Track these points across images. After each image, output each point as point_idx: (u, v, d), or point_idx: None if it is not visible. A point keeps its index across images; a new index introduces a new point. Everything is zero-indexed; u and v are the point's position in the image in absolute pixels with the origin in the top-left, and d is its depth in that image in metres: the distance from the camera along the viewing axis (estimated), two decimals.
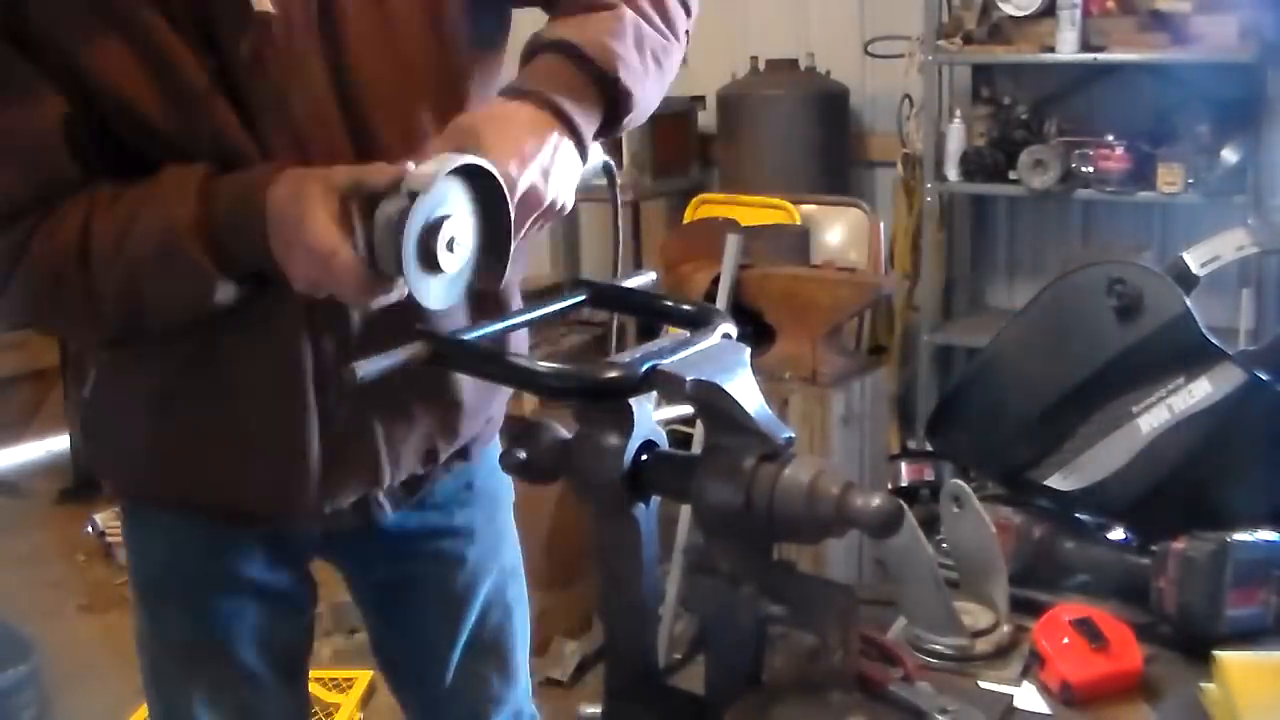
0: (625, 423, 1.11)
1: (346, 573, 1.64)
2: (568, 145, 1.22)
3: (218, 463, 1.36)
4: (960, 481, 1.23)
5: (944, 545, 1.32)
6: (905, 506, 1.06)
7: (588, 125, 1.25)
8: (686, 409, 1.15)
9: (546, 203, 1.20)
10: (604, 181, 1.34)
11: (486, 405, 1.51)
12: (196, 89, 1.21)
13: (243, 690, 1.50)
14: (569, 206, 1.25)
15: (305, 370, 1.31)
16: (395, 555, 1.56)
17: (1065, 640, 1.09)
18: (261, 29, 1.21)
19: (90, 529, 4.04)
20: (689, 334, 1.20)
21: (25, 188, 1.22)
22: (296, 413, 1.33)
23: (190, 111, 1.22)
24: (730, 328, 1.21)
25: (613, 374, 1.11)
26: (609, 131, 1.31)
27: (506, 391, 1.56)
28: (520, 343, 1.54)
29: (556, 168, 1.20)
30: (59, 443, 4.86)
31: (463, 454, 1.54)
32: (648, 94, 1.32)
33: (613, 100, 1.26)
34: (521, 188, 1.15)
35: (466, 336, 1.16)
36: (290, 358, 1.31)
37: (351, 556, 1.59)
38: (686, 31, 1.42)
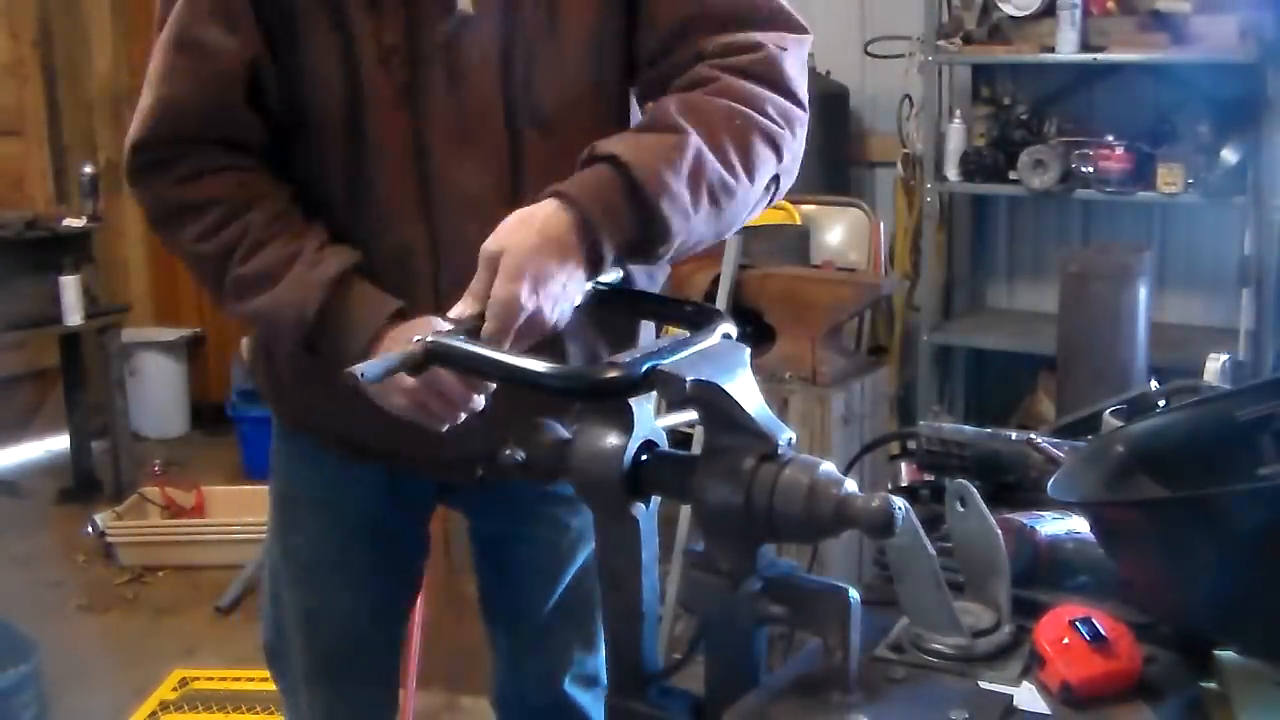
0: (625, 423, 1.11)
1: (465, 520, 1.80)
2: (579, 275, 1.27)
3: (364, 415, 1.41)
4: (964, 481, 1.23)
5: (947, 545, 1.32)
6: (908, 505, 1.06)
7: (611, 249, 1.28)
8: (692, 414, 1.15)
9: (547, 326, 1.27)
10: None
11: None
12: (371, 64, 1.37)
13: (339, 617, 1.65)
14: (560, 325, 1.31)
15: None
16: (509, 513, 1.68)
17: (1065, 640, 1.09)
18: (459, 24, 1.36)
19: (90, 529, 4.04)
20: (689, 334, 1.20)
21: (199, 102, 1.39)
22: None
23: (362, 87, 1.38)
24: (730, 328, 1.21)
25: (613, 374, 1.11)
26: (643, 258, 1.33)
27: None
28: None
29: (564, 296, 1.27)
30: (59, 443, 4.87)
31: None
32: (694, 230, 1.31)
33: (650, 226, 1.27)
34: (527, 312, 1.23)
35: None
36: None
37: (470, 507, 1.75)
38: (776, 177, 1.39)
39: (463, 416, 1.34)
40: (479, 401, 1.33)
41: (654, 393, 1.12)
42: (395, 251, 1.43)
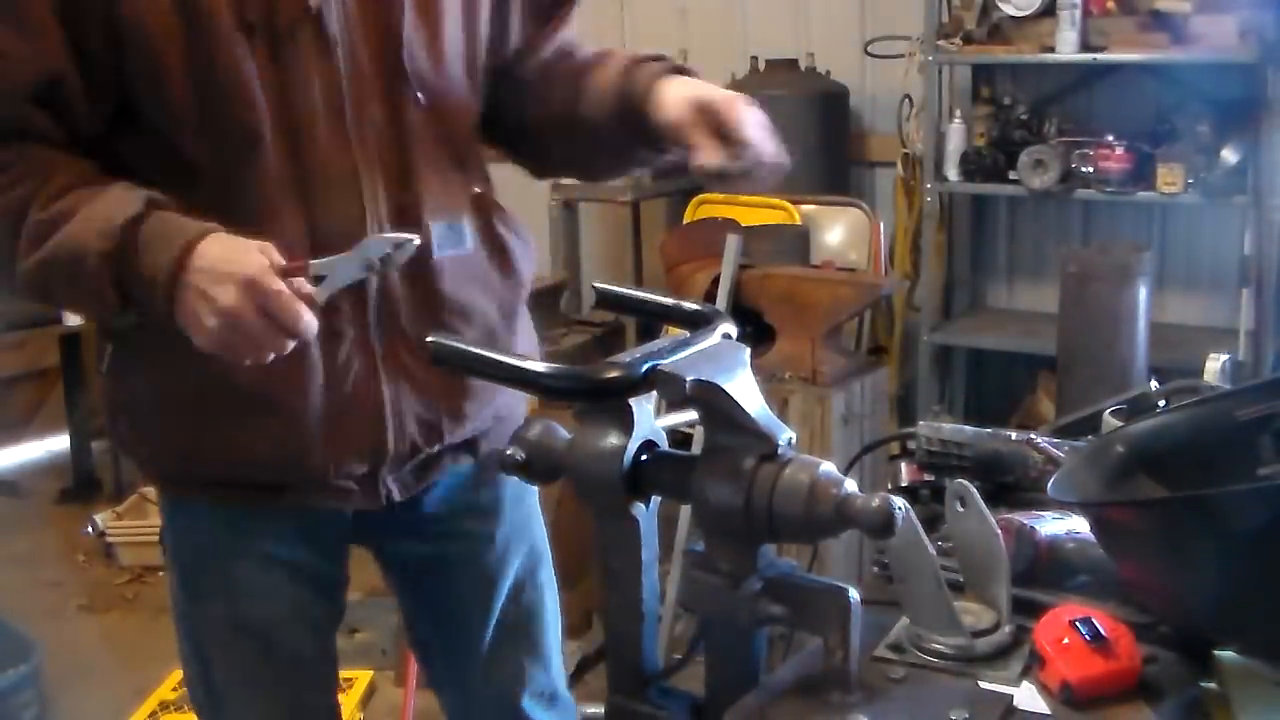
0: (625, 423, 1.11)
1: (379, 554, 1.67)
2: None
3: (228, 425, 1.39)
4: (964, 481, 1.23)
5: (947, 545, 1.33)
6: (908, 505, 1.06)
7: None
8: (692, 414, 1.16)
9: None
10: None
11: (493, 394, 1.53)
12: (221, 34, 1.29)
13: (278, 664, 1.55)
14: None
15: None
16: (424, 534, 1.59)
17: (1065, 640, 1.09)
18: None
19: (90, 529, 4.04)
20: (689, 334, 1.20)
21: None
22: (301, 371, 1.37)
23: (210, 63, 1.30)
24: (730, 328, 1.21)
25: (613, 374, 1.11)
26: None
27: (519, 395, 1.57)
28: (529, 343, 1.57)
29: None
30: (59, 443, 4.87)
31: (470, 449, 1.55)
32: None
33: None
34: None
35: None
36: None
37: (381, 537, 1.62)
38: None
39: (270, 356, 1.23)
40: (306, 328, 1.21)
41: (654, 393, 1.12)
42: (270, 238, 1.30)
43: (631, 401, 1.11)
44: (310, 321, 1.20)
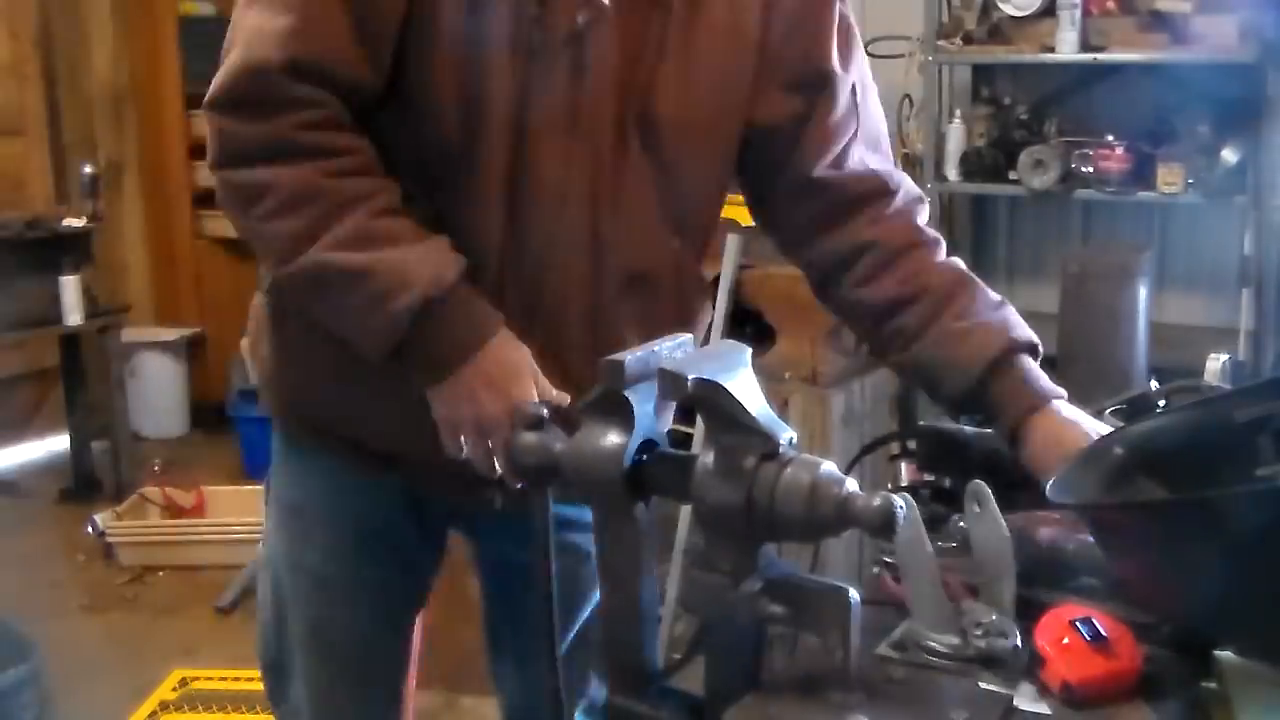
0: (626, 422, 1.11)
1: (474, 546, 1.71)
2: None
3: (372, 390, 1.40)
4: (980, 482, 1.23)
5: (949, 545, 1.33)
6: (912, 502, 1.06)
7: None
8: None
9: None
10: None
11: None
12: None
13: (349, 630, 1.59)
14: None
15: None
16: (521, 538, 1.49)
17: (1065, 640, 1.09)
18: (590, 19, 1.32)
19: (90, 529, 4.04)
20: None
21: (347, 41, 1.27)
22: None
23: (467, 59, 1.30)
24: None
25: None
26: None
27: None
28: None
29: None
30: (59, 443, 4.87)
31: None
32: None
33: None
34: None
35: None
36: None
37: (480, 530, 1.66)
38: None
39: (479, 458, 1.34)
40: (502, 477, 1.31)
41: (654, 392, 1.12)
42: (469, 226, 1.37)
43: (632, 400, 1.11)
44: (509, 480, 1.29)
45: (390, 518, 1.56)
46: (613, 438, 1.11)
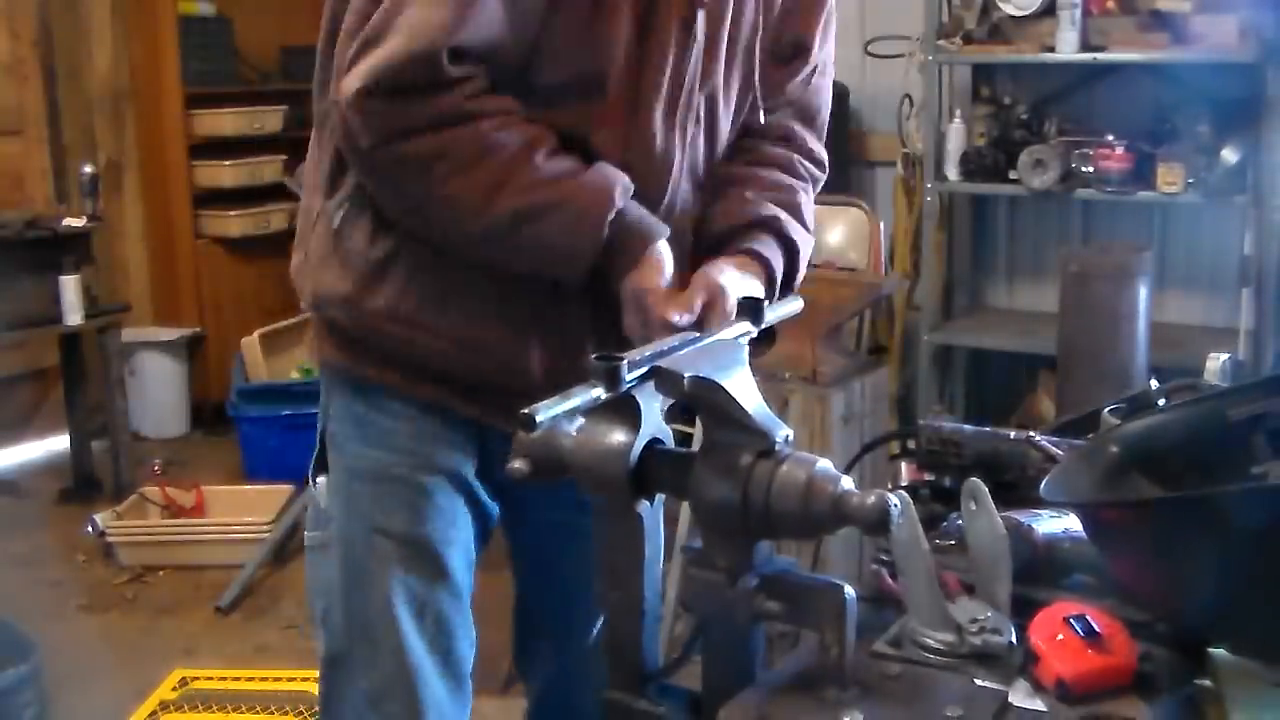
0: (632, 420, 1.11)
1: (515, 508, 1.67)
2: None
3: (480, 319, 1.48)
4: (977, 480, 1.23)
5: (946, 543, 1.33)
6: (909, 500, 1.06)
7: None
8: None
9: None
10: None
11: None
12: None
13: (438, 585, 1.56)
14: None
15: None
16: (566, 500, 1.42)
17: (1060, 637, 1.09)
18: None
19: (90, 529, 4.04)
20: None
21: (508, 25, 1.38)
22: (558, 298, 1.49)
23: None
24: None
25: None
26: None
27: None
28: None
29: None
30: (59, 443, 4.87)
31: None
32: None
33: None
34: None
35: None
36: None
37: (518, 496, 1.63)
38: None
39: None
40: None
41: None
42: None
43: (639, 399, 1.11)
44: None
45: (468, 468, 1.57)
46: (619, 436, 1.12)
